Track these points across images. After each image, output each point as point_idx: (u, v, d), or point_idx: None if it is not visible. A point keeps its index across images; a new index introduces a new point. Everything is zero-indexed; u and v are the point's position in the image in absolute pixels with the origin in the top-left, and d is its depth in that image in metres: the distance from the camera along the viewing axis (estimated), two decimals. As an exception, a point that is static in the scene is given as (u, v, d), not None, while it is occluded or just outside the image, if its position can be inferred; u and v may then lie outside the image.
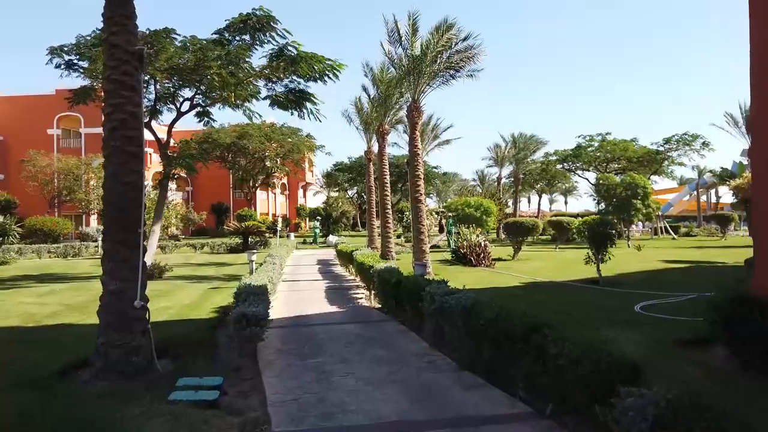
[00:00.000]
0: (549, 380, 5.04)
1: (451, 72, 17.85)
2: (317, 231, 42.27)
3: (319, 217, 45.54)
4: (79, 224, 45.67)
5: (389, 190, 24.54)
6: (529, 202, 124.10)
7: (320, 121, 19.76)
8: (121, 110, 6.83)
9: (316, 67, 17.91)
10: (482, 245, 20.36)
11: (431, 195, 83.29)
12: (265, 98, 19.52)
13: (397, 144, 48.96)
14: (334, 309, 11.92)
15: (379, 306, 11.93)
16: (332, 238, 38.99)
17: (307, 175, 74.81)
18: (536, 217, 67.13)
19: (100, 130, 7.99)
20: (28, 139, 47.14)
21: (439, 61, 17.64)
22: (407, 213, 44.31)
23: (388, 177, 24.59)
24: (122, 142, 6.85)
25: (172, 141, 20.47)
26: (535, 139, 58.21)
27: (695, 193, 56.27)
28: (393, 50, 18.56)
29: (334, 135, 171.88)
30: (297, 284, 16.45)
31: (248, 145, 54.35)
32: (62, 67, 16.64)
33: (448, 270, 18.81)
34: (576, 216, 51.85)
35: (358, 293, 14.43)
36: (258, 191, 64.07)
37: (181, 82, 17.30)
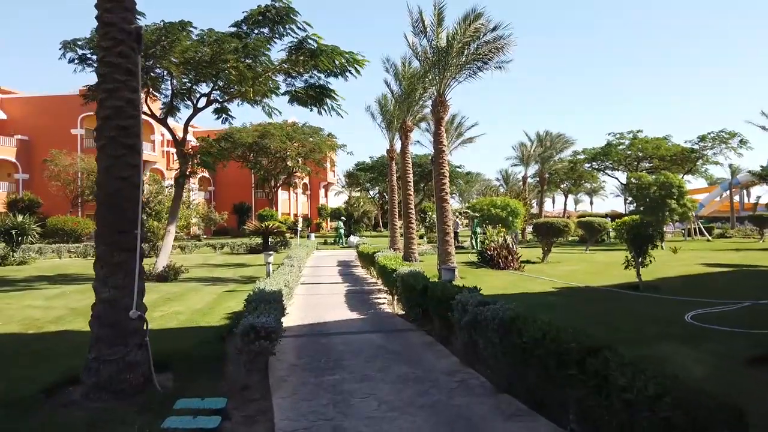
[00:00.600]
0: (610, 414, 4.14)
1: (479, 64, 16.91)
2: (341, 231, 41.13)
3: (343, 218, 44.64)
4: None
5: (412, 189, 23.70)
6: (553, 202, 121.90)
7: (341, 116, 19.16)
8: (115, 96, 6.10)
9: (336, 61, 17.19)
10: (510, 247, 19.36)
11: (454, 195, 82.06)
12: (284, 93, 18.89)
13: (419, 142, 48.19)
14: (354, 315, 11.11)
15: (403, 313, 11.10)
16: (353, 239, 38.27)
17: (328, 175, 74.36)
18: (562, 217, 65.66)
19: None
20: (52, 139, 47.40)
21: (466, 52, 16.71)
22: (430, 213, 43.36)
23: (411, 176, 23.73)
24: (117, 132, 6.13)
25: (192, 140, 19.92)
26: (563, 137, 56.81)
27: (727, 193, 54.18)
28: (417, 42, 17.71)
29: (356, 135, 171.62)
30: (316, 287, 15.70)
31: (270, 144, 54.02)
32: (75, 61, 16.17)
33: (475, 273, 17.88)
34: (604, 216, 50.38)
35: (380, 298, 13.62)
36: (279, 191, 63.78)
37: (197, 77, 16.69)
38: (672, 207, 30.70)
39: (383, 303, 12.71)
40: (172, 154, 61.82)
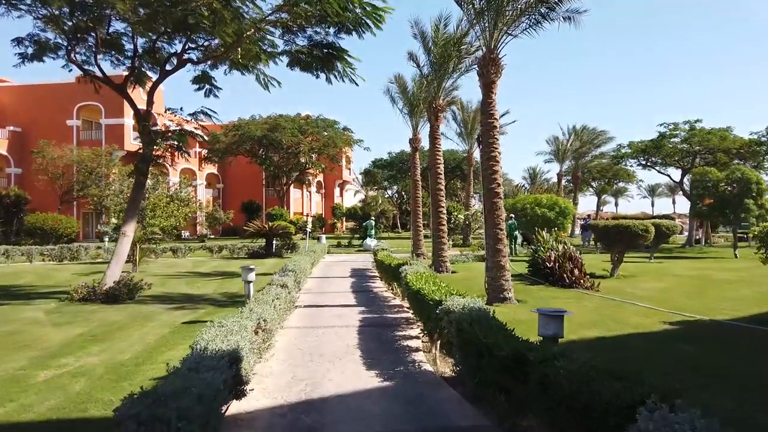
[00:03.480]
0: None
1: (543, 9, 12.38)
2: (372, 232, 35.76)
3: (373, 217, 39.70)
4: (98, 222, 41.83)
5: (443, 182, 19.13)
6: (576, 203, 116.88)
7: (356, 84, 14.63)
8: None
9: (350, 5, 12.74)
10: (575, 257, 14.75)
11: (474, 195, 77.11)
12: (281, 54, 14.50)
13: (443, 134, 43.41)
14: (373, 381, 6.63)
15: (452, 373, 6.69)
16: (370, 242, 33.78)
17: (344, 173, 69.94)
18: (594, 218, 60.50)
19: (121, 120, 4.89)
20: (46, 130, 43.73)
21: (526, -8, 12.22)
22: (455, 213, 38.73)
23: (441, 165, 19.18)
24: None
25: (203, 136, 15.57)
26: (601, 132, 51.81)
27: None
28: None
29: (372, 131, 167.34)
30: (318, 315, 11.26)
31: (280, 137, 49.82)
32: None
33: (532, 293, 13.32)
34: (650, 218, 45.15)
35: (409, 333, 9.19)
36: (292, 189, 59.61)
37: (159, 24, 12.31)
38: (749, 207, 25.87)
39: (417, 348, 8.25)
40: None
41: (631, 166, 43.86)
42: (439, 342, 7.61)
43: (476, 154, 43.12)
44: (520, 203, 23.81)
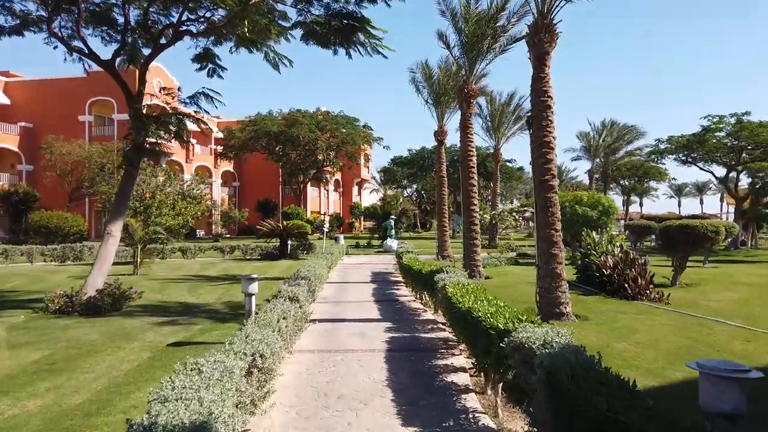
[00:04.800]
0: None
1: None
2: (392, 232, 33.42)
3: (393, 216, 37.57)
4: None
5: (476, 176, 17.02)
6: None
7: (385, 56, 12.60)
8: None
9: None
10: (641, 262, 12.57)
11: (499, 195, 74.66)
12: (294, 27, 12.59)
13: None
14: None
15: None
16: (391, 242, 31.77)
17: (362, 171, 67.99)
18: (624, 219, 57.68)
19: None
20: (58, 126, 42.45)
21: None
22: (481, 212, 36.53)
23: (474, 158, 17.09)
24: None
25: (216, 129, 13.72)
26: (631, 127, 49.13)
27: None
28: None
29: (392, 130, 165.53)
30: (335, 333, 9.30)
31: (297, 133, 48.02)
32: None
33: (590, 305, 11.22)
34: (682, 218, 42.46)
35: (452, 363, 7.19)
36: (309, 187, 57.84)
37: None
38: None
39: (466, 387, 6.24)
40: (193, 145, 56.60)
41: (664, 163, 41.26)
42: (500, 384, 5.60)
43: (503, 150, 40.89)
44: (560, 201, 21.58)
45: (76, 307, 10.18)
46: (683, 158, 36.81)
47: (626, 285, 11.96)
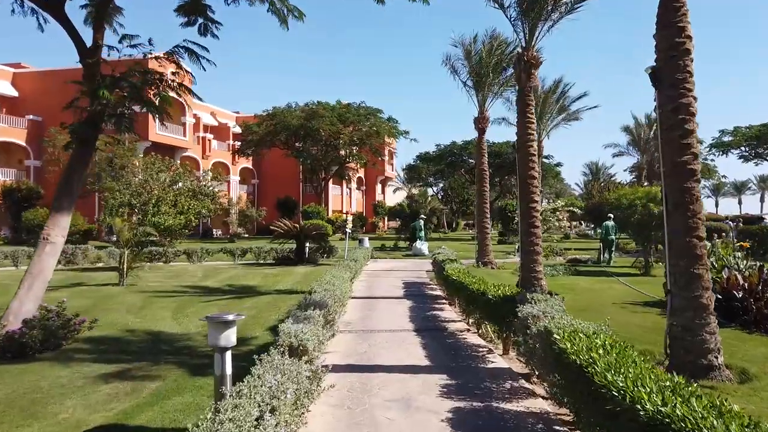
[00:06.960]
0: None
1: None
2: (422, 234, 29.80)
3: (423, 216, 34.26)
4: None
5: (536, 166, 13.53)
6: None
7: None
8: None
9: None
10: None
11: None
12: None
13: (505, 120, 37.60)
14: None
15: None
16: (421, 245, 28.40)
17: (386, 168, 64.65)
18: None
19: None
20: (68, 119, 39.56)
21: None
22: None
23: (534, 142, 13.59)
24: None
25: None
26: (681, 119, 44.91)
27: None
28: None
29: (418, 127, 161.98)
30: (360, 404, 5.99)
31: (318, 126, 44.98)
32: None
33: (737, 348, 7.73)
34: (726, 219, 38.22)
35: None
36: (330, 185, 54.84)
37: None
38: None
39: None
40: (210, 140, 53.94)
41: (713, 159, 37.03)
42: None
43: (545, 142, 37.03)
44: (625, 198, 18.02)
45: (-12, 347, 7.09)
46: (746, 152, 32.74)
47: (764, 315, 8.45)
